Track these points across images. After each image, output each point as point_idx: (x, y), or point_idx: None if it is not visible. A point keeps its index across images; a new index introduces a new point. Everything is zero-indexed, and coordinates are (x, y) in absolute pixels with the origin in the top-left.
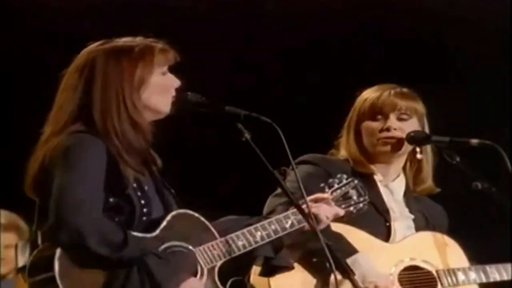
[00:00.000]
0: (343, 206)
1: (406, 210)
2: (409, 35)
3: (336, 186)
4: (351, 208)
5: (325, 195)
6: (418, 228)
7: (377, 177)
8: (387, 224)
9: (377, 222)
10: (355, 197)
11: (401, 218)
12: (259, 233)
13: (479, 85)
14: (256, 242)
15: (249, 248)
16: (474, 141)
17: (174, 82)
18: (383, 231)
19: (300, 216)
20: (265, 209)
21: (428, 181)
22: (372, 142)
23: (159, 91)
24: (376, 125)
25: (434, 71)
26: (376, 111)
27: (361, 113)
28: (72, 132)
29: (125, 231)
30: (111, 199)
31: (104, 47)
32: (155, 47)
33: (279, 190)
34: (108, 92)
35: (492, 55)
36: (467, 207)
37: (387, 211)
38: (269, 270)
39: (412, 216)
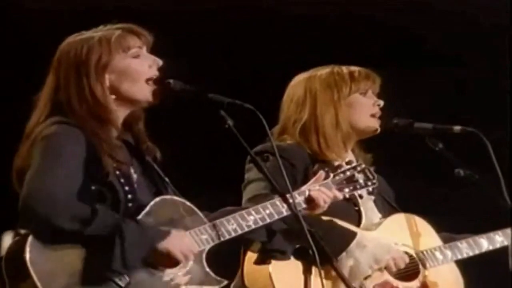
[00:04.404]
0: (346, 189)
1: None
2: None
3: (340, 170)
4: (358, 192)
5: (319, 175)
6: (378, 207)
7: (338, 161)
8: (356, 208)
9: (347, 207)
10: (361, 181)
11: (365, 200)
12: (252, 217)
13: (478, 78)
14: (248, 226)
15: (240, 232)
16: (457, 128)
17: (150, 63)
18: (354, 216)
19: (297, 200)
20: None
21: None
22: (362, 116)
23: (131, 77)
24: (366, 100)
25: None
26: (365, 88)
27: (352, 89)
28: (52, 123)
29: (94, 207)
30: (93, 187)
31: (70, 40)
32: (114, 32)
33: (252, 193)
34: (69, 85)
35: (490, 44)
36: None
37: (353, 195)
38: (264, 256)
39: (373, 198)
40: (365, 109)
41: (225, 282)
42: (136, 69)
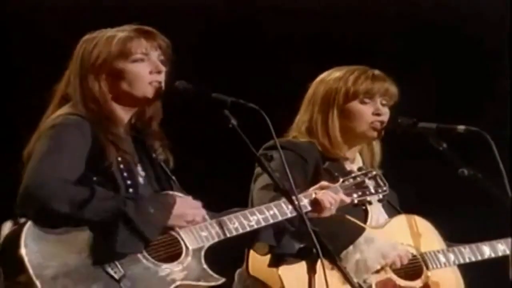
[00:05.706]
0: (355, 195)
1: None
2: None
3: (350, 175)
4: (367, 198)
5: (327, 184)
6: (384, 208)
7: (347, 162)
8: (363, 207)
9: (355, 207)
10: (371, 187)
11: (374, 201)
12: (255, 217)
13: (478, 78)
14: (250, 226)
15: (242, 232)
16: (461, 127)
17: (152, 69)
18: (361, 216)
19: (302, 202)
20: (255, 202)
21: (376, 164)
22: (361, 125)
23: (129, 79)
24: (366, 108)
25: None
26: (368, 94)
27: (349, 94)
28: (60, 114)
29: (93, 189)
30: (94, 178)
31: (88, 36)
32: (120, 33)
33: (264, 182)
34: (75, 79)
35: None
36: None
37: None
38: (276, 260)
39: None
40: (363, 118)
41: (223, 280)
42: (134, 72)
